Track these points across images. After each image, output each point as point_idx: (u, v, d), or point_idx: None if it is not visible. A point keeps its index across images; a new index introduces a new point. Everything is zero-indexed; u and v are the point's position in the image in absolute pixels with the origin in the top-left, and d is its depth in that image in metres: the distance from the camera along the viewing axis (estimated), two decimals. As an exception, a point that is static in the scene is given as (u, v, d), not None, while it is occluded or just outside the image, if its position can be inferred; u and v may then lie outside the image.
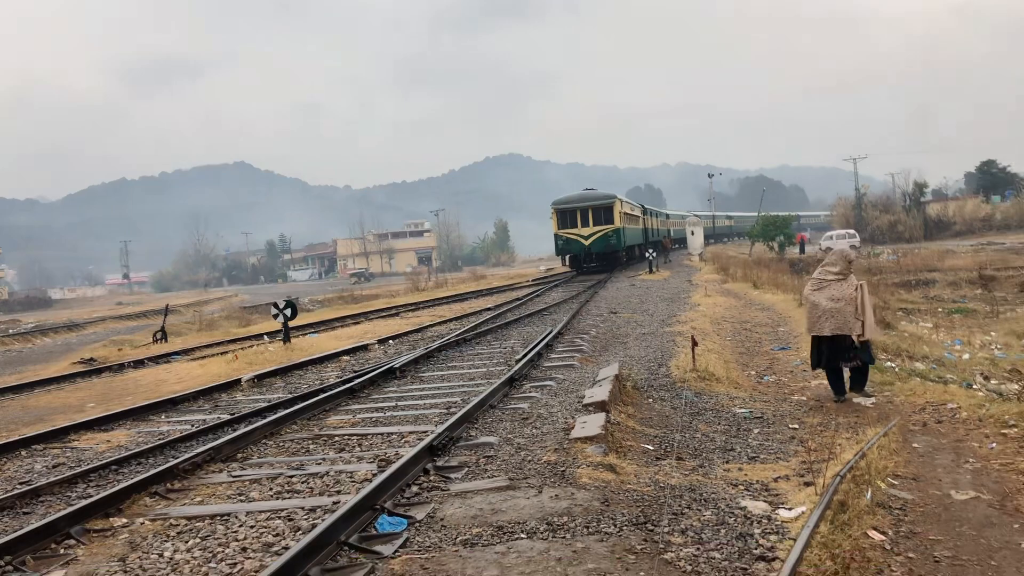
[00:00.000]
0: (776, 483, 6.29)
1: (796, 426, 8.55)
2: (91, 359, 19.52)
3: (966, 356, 14.70)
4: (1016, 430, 7.68)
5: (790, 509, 5.49)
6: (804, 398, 10.13)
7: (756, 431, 8.36)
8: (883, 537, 5.22)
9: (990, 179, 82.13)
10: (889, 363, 12.24)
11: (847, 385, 9.89)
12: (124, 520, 6.01)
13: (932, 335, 18.78)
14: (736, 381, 11.19)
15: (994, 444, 7.41)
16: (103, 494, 6.34)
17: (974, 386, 10.43)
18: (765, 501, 5.75)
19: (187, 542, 5.42)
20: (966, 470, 6.82)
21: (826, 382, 11.11)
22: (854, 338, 9.51)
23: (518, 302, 25.10)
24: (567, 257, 40.83)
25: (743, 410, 9.30)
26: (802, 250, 58.93)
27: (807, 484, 6.10)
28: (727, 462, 7.05)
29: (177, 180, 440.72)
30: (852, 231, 67.87)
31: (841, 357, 9.67)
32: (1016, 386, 11.00)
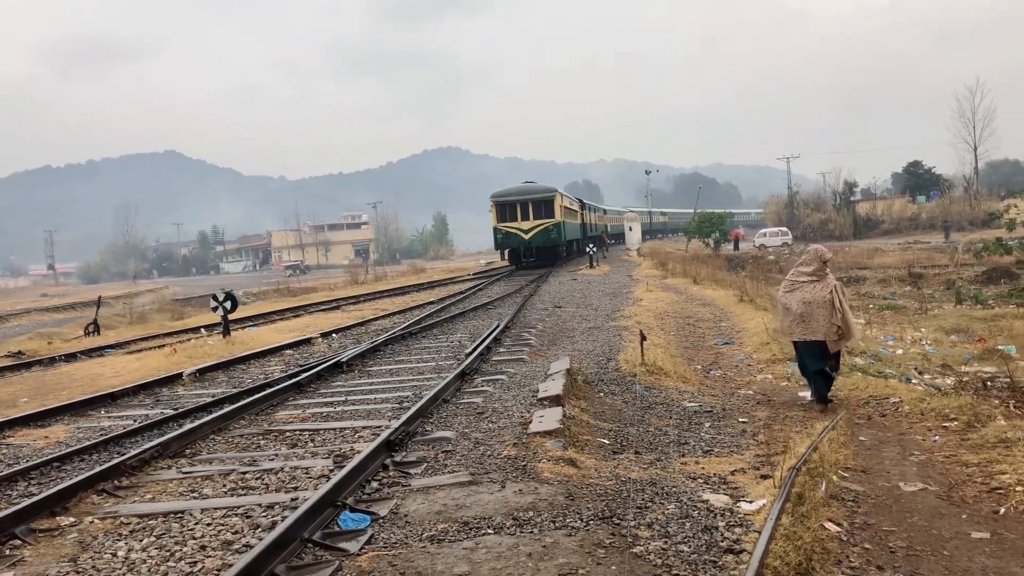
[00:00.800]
0: (734, 476, 6.38)
1: (745, 420, 8.69)
2: (19, 352, 18.85)
3: (899, 352, 15.13)
4: (956, 423, 7.92)
5: (751, 502, 5.57)
6: (751, 392, 10.31)
7: (707, 425, 8.47)
8: (839, 529, 5.33)
9: (916, 180, 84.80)
10: (830, 358, 12.51)
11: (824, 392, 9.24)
12: (72, 519, 5.80)
13: (866, 331, 19.30)
14: (684, 375, 11.33)
15: (937, 437, 7.64)
16: (48, 492, 6.11)
17: (913, 380, 10.73)
18: (726, 494, 5.82)
19: (141, 541, 5.26)
20: (912, 462, 7.02)
21: (771, 375, 11.35)
22: (828, 344, 8.91)
23: (461, 295, 25.04)
24: (506, 252, 39.96)
25: (693, 404, 9.42)
26: (736, 247, 60.11)
27: (764, 477, 6.20)
28: (683, 456, 7.13)
29: (105, 168, 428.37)
30: (785, 228, 69.45)
31: (816, 362, 9.06)
32: (951, 380, 11.36)
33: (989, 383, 10.67)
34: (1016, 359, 12.64)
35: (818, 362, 9.03)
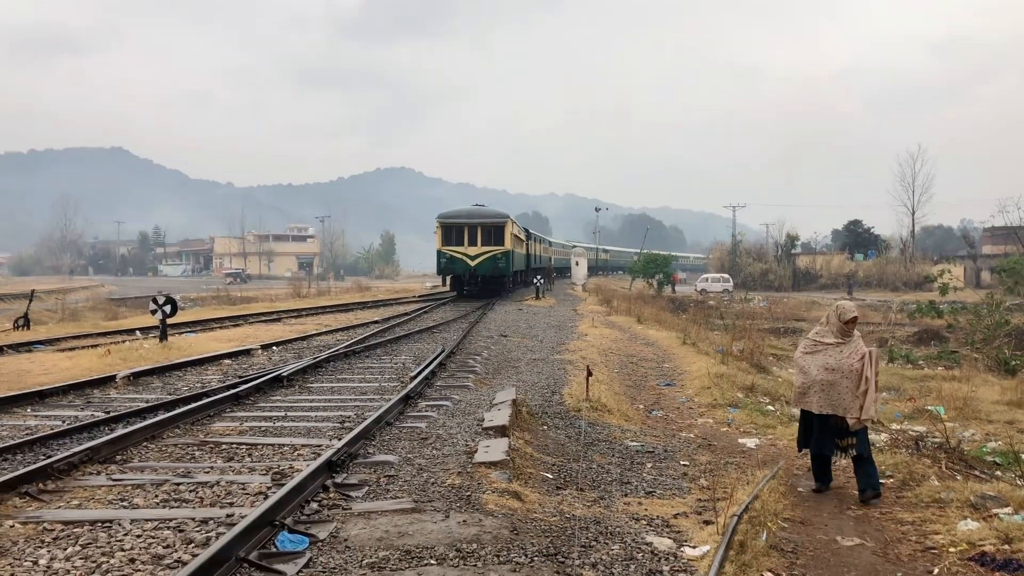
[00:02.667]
0: (676, 520, 6.37)
1: (687, 463, 8.73)
2: (-59, 341, 18.08)
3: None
4: (892, 480, 8.06)
5: (695, 547, 5.57)
6: (692, 435, 10.37)
7: (649, 465, 8.49)
8: (779, 579, 5.36)
9: (855, 238, 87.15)
10: (770, 407, 12.69)
11: (829, 477, 7.87)
12: (-9, 522, 5.53)
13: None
14: (626, 414, 11.36)
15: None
16: (-34, 492, 5.84)
17: (849, 435, 10.93)
18: (669, 538, 5.81)
19: (65, 549, 5.03)
20: (849, 516, 7.10)
21: (712, 420, 11.44)
22: (849, 421, 7.41)
23: (406, 317, 24.85)
24: (448, 277, 37.42)
25: (635, 444, 9.43)
26: (673, 289, 60.95)
27: (707, 523, 6.21)
28: (626, 495, 7.12)
29: (47, 159, 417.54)
30: (727, 275, 70.68)
31: (831, 443, 7.62)
32: (884, 437, 11.60)
33: (920, 442, 10.91)
34: (945, 420, 12.95)
35: (832, 441, 7.59)
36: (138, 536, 5.26)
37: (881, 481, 8.11)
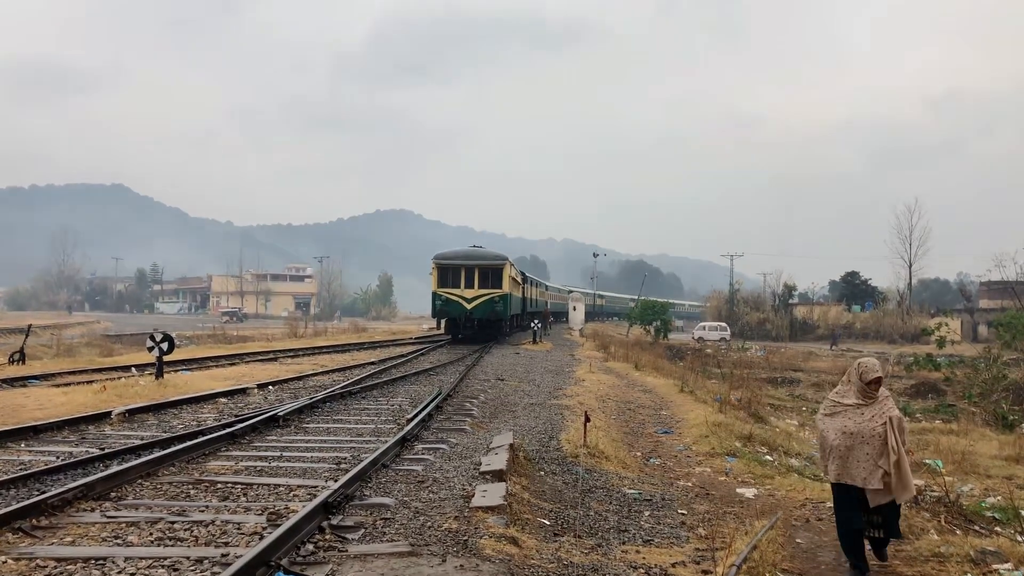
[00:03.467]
0: (674, 569, 6.32)
1: (685, 512, 8.67)
2: (-64, 374, 18.01)
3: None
4: (891, 533, 8.00)
5: (693, 597, 5.52)
6: (690, 484, 10.31)
7: (647, 514, 8.43)
8: (778, 631, 5.30)
9: (852, 289, 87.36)
10: (768, 456, 12.64)
11: (863, 557, 6.77)
12: (-17, 557, 5.48)
13: (799, 432, 19.58)
14: (624, 461, 11.30)
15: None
16: (-41, 526, 5.78)
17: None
18: (668, 587, 5.76)
19: (58, 587, 4.97)
20: (847, 569, 7.04)
21: (710, 469, 11.36)
22: (867, 495, 6.47)
23: (403, 359, 24.80)
24: (444, 321, 36.09)
25: (633, 491, 9.38)
26: (666, 335, 61.01)
27: (705, 572, 6.17)
28: (623, 543, 7.06)
29: (48, 195, 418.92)
30: (724, 324, 70.73)
31: (859, 515, 6.62)
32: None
33: (919, 496, 10.85)
34: (943, 474, 12.89)
35: (858, 517, 6.61)
36: (132, 574, 5.20)
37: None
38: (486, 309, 34.46)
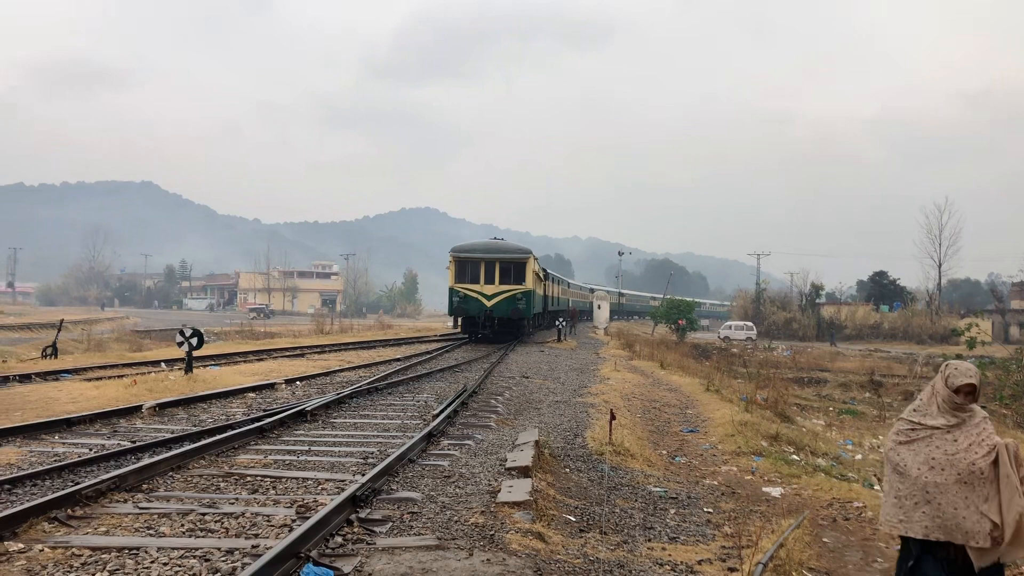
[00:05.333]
0: (700, 566, 6.32)
1: (711, 510, 8.66)
2: (-29, 368, 18.35)
3: (858, 456, 15.24)
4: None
5: (720, 594, 5.52)
6: (716, 483, 10.29)
7: (672, 511, 8.42)
8: (804, 629, 5.29)
9: (881, 289, 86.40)
10: (794, 456, 12.57)
11: None
12: (21, 545, 5.60)
13: (826, 432, 19.45)
14: (649, 459, 11.30)
15: (899, 546, 7.64)
16: (-3, 515, 5.91)
17: (875, 487, 10.79)
18: (694, 583, 5.77)
19: (93, 575, 5.07)
20: (875, 569, 7.01)
21: (736, 468, 11.32)
22: (971, 554, 4.24)
23: (428, 355, 24.89)
24: (461, 319, 33.54)
25: (658, 489, 9.38)
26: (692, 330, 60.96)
27: (731, 570, 6.16)
28: (649, 540, 7.07)
29: (79, 192, 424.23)
30: (750, 323, 70.33)
31: None
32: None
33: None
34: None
35: None
36: (164, 564, 5.29)
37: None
38: (507, 307, 32.06)
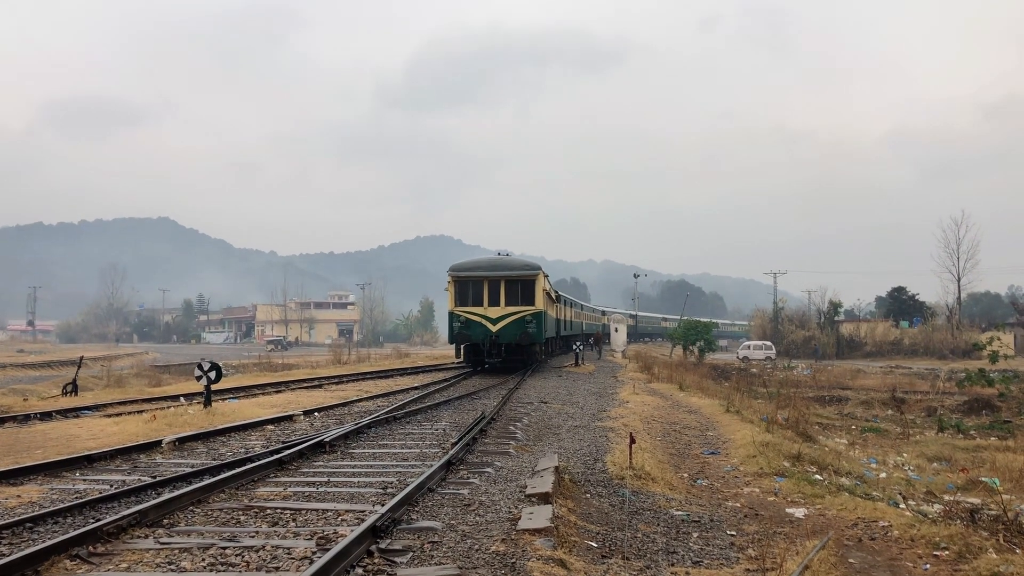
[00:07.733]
0: (725, 590, 6.25)
1: (734, 533, 8.57)
2: (-7, 406, 18.48)
3: (883, 475, 15.08)
4: (947, 553, 7.84)
5: (745, 618, 5.45)
6: (738, 505, 10.19)
7: (695, 535, 8.34)
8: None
9: (900, 305, 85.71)
10: (817, 476, 12.44)
11: None
12: (43, 584, 5.60)
13: (848, 451, 19.27)
14: (671, 482, 11.21)
15: (928, 565, 7.54)
16: (19, 554, 5.93)
17: (900, 506, 10.66)
18: (719, 608, 5.70)
19: (115, 612, 5.07)
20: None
21: (758, 489, 11.22)
22: None
23: (445, 383, 24.86)
24: (463, 347, 30.18)
25: (681, 512, 9.29)
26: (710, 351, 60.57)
27: (756, 593, 6.08)
28: (672, 564, 7.00)
29: (97, 229, 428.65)
30: (769, 343, 69.87)
31: None
32: (937, 508, 11.30)
33: (976, 514, 10.59)
34: (1000, 492, 12.59)
35: None
36: (186, 600, 5.28)
37: (935, 553, 7.89)
38: (515, 331, 28.38)
